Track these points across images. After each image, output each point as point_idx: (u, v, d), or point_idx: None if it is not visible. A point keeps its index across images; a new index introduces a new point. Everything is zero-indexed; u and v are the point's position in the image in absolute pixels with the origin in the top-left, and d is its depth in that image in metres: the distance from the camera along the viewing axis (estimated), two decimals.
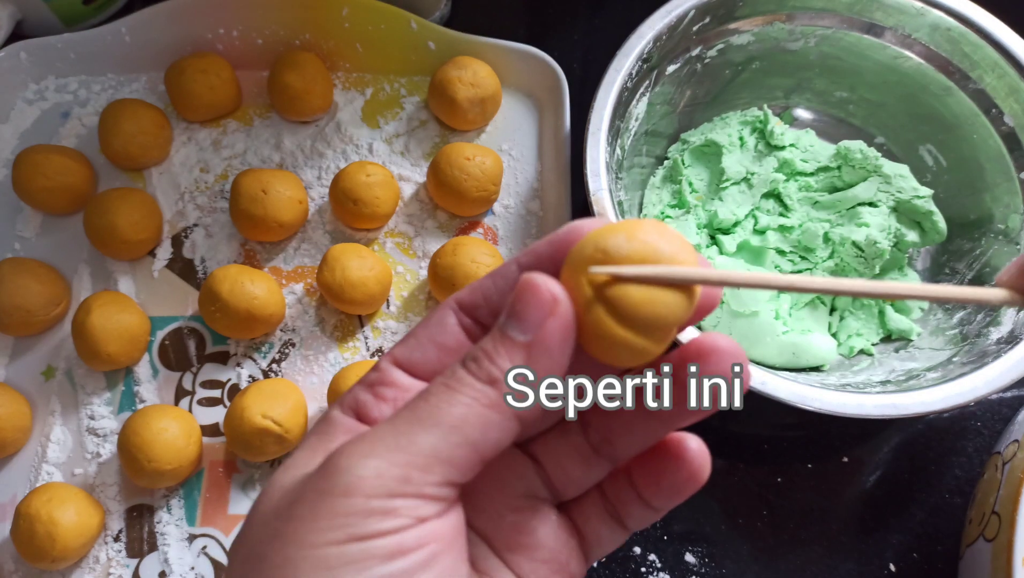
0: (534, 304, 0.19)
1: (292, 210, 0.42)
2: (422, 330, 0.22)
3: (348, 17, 0.46)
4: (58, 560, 0.36)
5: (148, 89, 0.47)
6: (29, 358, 0.42)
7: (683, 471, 0.22)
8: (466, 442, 0.19)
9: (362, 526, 0.18)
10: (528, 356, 0.19)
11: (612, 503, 0.23)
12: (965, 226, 0.43)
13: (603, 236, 0.19)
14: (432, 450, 0.18)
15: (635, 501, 0.23)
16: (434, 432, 0.19)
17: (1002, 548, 0.33)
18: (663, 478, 0.22)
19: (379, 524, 0.18)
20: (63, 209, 0.43)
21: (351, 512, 0.18)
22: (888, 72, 0.45)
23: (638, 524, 0.23)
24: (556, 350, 0.19)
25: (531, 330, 0.19)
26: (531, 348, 0.19)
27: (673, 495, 0.22)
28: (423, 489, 0.18)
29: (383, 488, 0.18)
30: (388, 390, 0.22)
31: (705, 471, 0.22)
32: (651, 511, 0.23)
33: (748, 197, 0.44)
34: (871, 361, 0.41)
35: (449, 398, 0.19)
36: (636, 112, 0.42)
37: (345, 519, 0.18)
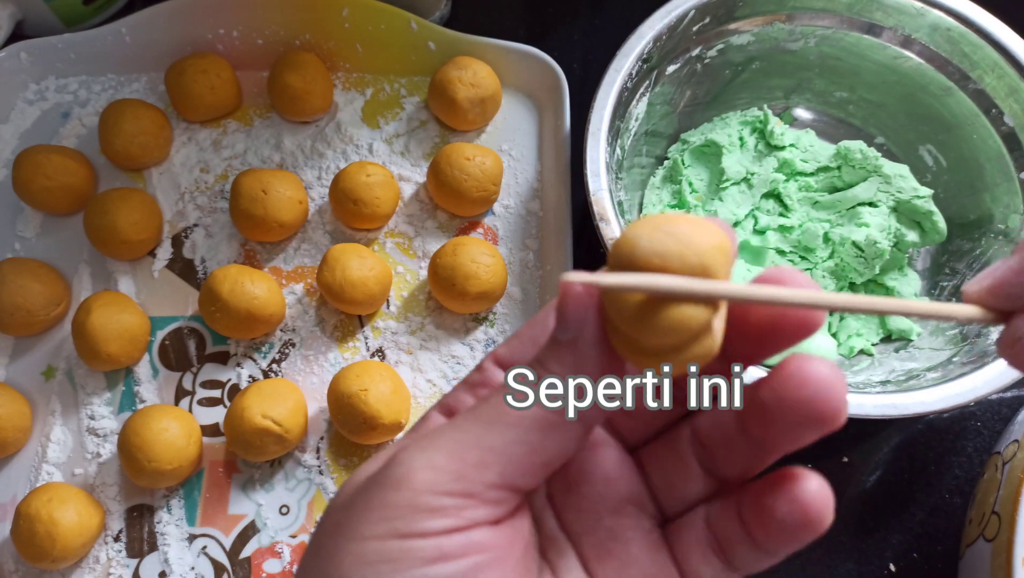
0: (572, 301, 0.18)
1: (292, 210, 0.42)
2: (526, 330, 0.22)
3: (348, 17, 0.46)
4: (58, 560, 0.36)
5: (148, 89, 0.47)
6: (29, 358, 0.42)
7: (797, 512, 0.19)
8: (523, 441, 0.18)
9: (407, 522, 0.18)
10: (574, 355, 0.18)
11: (718, 537, 0.21)
12: (965, 226, 0.43)
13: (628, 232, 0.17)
14: (487, 445, 0.18)
15: (743, 539, 0.20)
16: (491, 428, 0.18)
17: (1002, 548, 0.33)
18: (774, 518, 0.19)
19: (424, 522, 0.18)
20: (63, 209, 0.43)
21: (399, 504, 0.18)
22: (888, 72, 0.45)
23: (747, 566, 0.20)
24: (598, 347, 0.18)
25: (572, 329, 0.18)
26: (574, 347, 0.18)
27: (785, 539, 0.19)
28: (475, 487, 0.18)
29: (434, 482, 0.18)
30: (486, 391, 0.21)
31: (825, 516, 0.19)
32: (762, 553, 0.20)
33: (748, 197, 0.44)
34: (871, 361, 0.41)
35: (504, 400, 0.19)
36: (636, 112, 0.42)
37: (393, 511, 0.18)
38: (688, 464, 0.21)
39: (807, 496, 0.19)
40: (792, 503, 0.19)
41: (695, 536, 0.21)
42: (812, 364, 0.17)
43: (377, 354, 0.42)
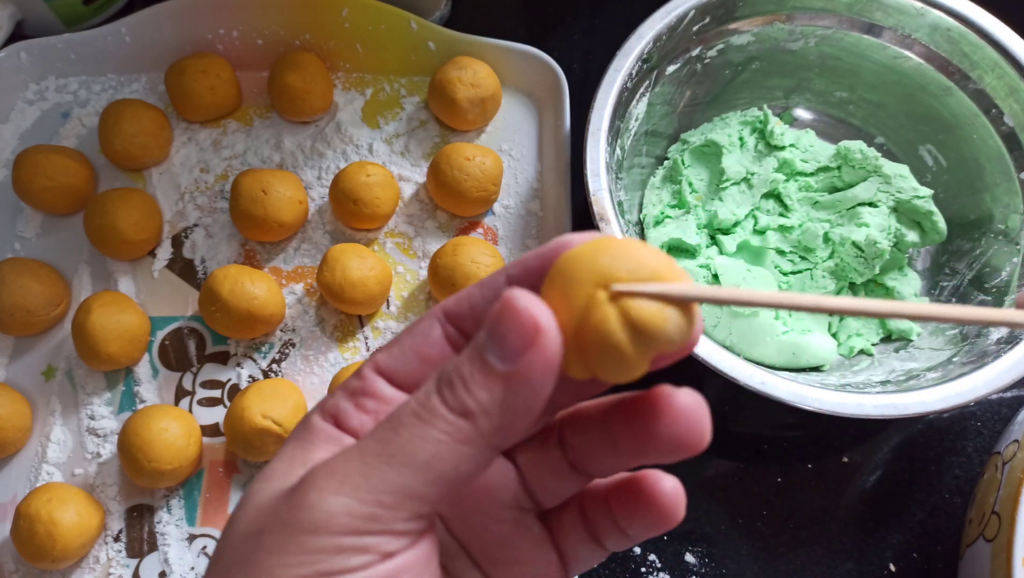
0: (515, 330, 0.17)
1: (292, 210, 0.42)
2: (407, 338, 0.21)
3: (348, 17, 0.46)
4: (58, 560, 0.36)
5: (148, 89, 0.47)
6: (29, 358, 0.42)
7: (655, 511, 0.21)
8: (438, 479, 0.18)
9: (330, 562, 0.18)
10: (506, 389, 0.18)
11: (591, 523, 0.22)
12: (965, 226, 0.43)
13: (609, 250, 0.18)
14: (402, 489, 0.18)
15: (612, 526, 0.22)
16: (404, 471, 0.18)
17: (1002, 548, 0.33)
18: (636, 513, 0.21)
19: (347, 561, 0.18)
20: (63, 209, 0.43)
21: (319, 549, 0.18)
22: (888, 72, 0.45)
23: (616, 546, 0.23)
24: (538, 384, 0.18)
25: (511, 360, 0.18)
26: (510, 380, 0.18)
27: (646, 530, 0.21)
28: (392, 526, 0.18)
29: (352, 526, 0.18)
30: (369, 401, 0.21)
31: (679, 512, 0.21)
32: (627, 538, 0.22)
33: (748, 197, 0.44)
34: (871, 361, 0.41)
35: (421, 432, 0.18)
36: (636, 112, 0.42)
37: (313, 556, 0.18)
38: (559, 465, 0.23)
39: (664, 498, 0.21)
40: (650, 504, 0.21)
41: (572, 524, 0.23)
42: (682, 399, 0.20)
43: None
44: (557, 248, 0.20)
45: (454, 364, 0.19)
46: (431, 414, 0.18)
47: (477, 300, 0.21)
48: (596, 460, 0.22)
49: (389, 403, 0.21)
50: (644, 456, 0.20)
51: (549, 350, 0.18)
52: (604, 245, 0.19)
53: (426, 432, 0.18)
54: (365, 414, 0.21)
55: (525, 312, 0.17)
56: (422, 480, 0.18)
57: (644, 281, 0.18)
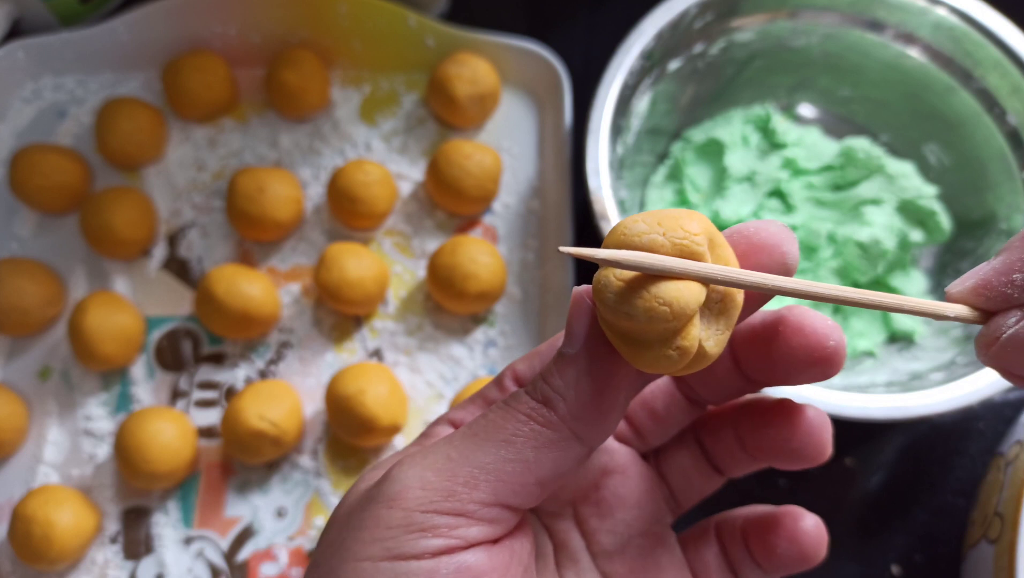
0: (578, 315, 0.18)
1: (289, 209, 0.42)
2: (546, 348, 0.22)
3: (346, 14, 0.46)
4: (55, 562, 0.36)
5: (145, 87, 0.47)
6: (25, 359, 0.41)
7: (793, 550, 0.21)
8: (517, 458, 0.18)
9: (401, 542, 0.18)
10: (577, 370, 0.18)
11: (729, 557, 0.23)
12: (969, 225, 0.43)
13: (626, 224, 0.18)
14: (479, 463, 0.18)
15: (749, 562, 0.22)
16: (484, 446, 0.18)
17: (1005, 549, 0.33)
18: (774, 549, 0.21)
19: (417, 542, 0.18)
20: (59, 208, 0.43)
21: (393, 524, 0.18)
22: (891, 70, 0.44)
23: None
24: (605, 364, 0.18)
25: (578, 341, 0.18)
26: (578, 361, 0.18)
27: (783, 567, 0.21)
28: (467, 507, 0.18)
29: (426, 500, 0.18)
30: None
31: (820, 552, 0.21)
32: (763, 574, 0.22)
33: (752, 195, 0.43)
34: (874, 362, 0.41)
35: (504, 415, 0.18)
36: (638, 109, 0.42)
37: (387, 532, 0.18)
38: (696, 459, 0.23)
39: (803, 536, 0.21)
40: (791, 542, 0.21)
41: (711, 553, 0.23)
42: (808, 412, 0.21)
43: (375, 355, 0.42)
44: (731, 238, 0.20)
45: None
46: (516, 400, 0.19)
47: None
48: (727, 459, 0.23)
49: None
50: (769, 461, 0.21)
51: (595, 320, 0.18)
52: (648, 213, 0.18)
53: (509, 414, 0.18)
54: None
55: (586, 293, 0.18)
56: (501, 456, 0.18)
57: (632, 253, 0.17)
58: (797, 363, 0.20)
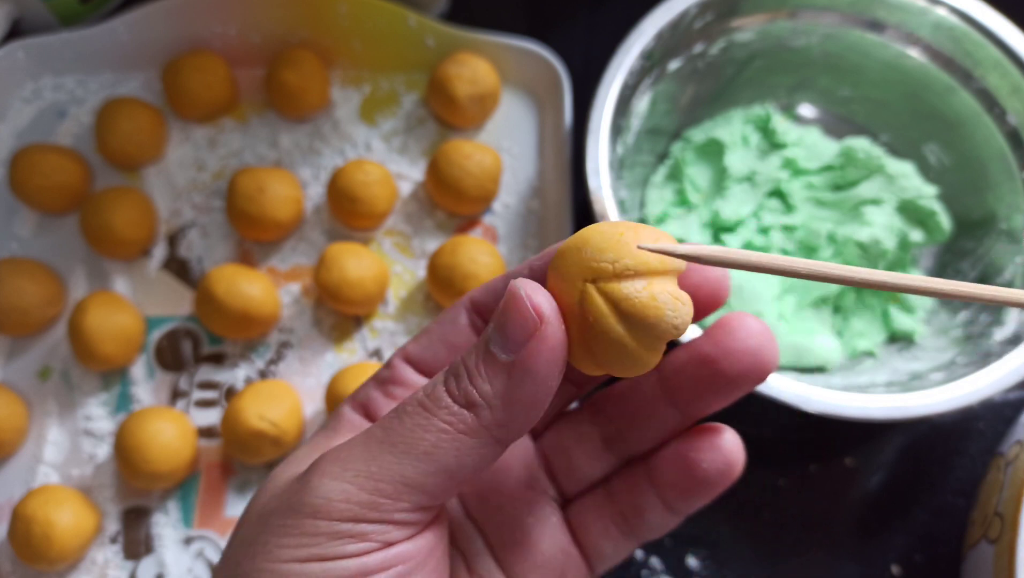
0: (518, 320, 0.17)
1: (289, 209, 0.42)
2: (435, 327, 0.21)
3: (346, 14, 0.46)
4: (55, 562, 0.36)
5: (145, 87, 0.47)
6: (25, 359, 0.41)
7: (718, 460, 0.21)
8: (439, 470, 0.18)
9: (327, 547, 0.18)
10: (510, 379, 0.17)
11: (623, 509, 0.22)
12: (968, 225, 0.43)
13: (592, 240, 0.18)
14: (402, 478, 0.18)
15: (654, 504, 0.21)
16: (405, 459, 0.18)
17: (1004, 549, 0.33)
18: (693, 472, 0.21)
19: (344, 546, 0.18)
20: (59, 208, 0.43)
21: (318, 533, 0.18)
22: (891, 70, 0.44)
23: (651, 532, 0.22)
24: (542, 375, 0.17)
25: (513, 349, 0.17)
26: (513, 370, 0.17)
27: (701, 492, 0.21)
28: (392, 516, 0.18)
29: (350, 512, 0.18)
30: (398, 389, 0.21)
31: (739, 464, 0.21)
32: (669, 514, 0.22)
33: (751, 195, 0.43)
34: (875, 362, 0.41)
35: (424, 422, 0.18)
36: (638, 109, 0.42)
37: (311, 539, 0.18)
38: (590, 445, 0.22)
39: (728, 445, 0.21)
40: (716, 452, 0.21)
41: (595, 514, 0.22)
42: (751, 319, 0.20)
43: (375, 355, 0.42)
44: None
45: (462, 356, 0.18)
46: (436, 404, 0.18)
47: (502, 291, 0.20)
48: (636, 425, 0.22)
49: None
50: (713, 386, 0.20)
51: (552, 340, 0.17)
52: (587, 235, 0.18)
53: (429, 421, 0.18)
54: (394, 401, 0.21)
55: (527, 300, 0.17)
56: (423, 470, 0.18)
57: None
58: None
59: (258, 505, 0.20)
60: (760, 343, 0.20)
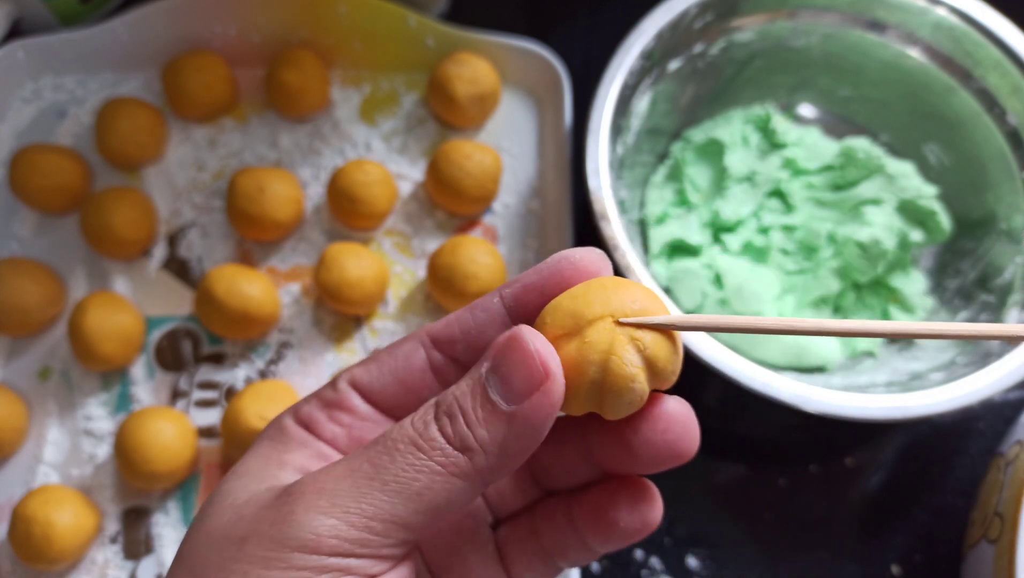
0: (524, 372, 0.17)
1: (289, 209, 0.42)
2: (386, 357, 0.21)
3: (346, 14, 0.46)
4: (55, 562, 0.36)
5: (145, 87, 0.47)
6: (25, 359, 0.41)
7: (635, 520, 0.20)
8: (429, 509, 0.18)
9: None
10: (508, 428, 0.18)
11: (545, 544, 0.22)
12: (969, 225, 0.43)
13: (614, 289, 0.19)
14: (392, 517, 0.18)
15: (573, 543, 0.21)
16: (396, 499, 0.18)
17: (1004, 549, 0.33)
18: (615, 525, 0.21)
19: None
20: (59, 208, 0.43)
21: (305, 566, 0.17)
22: (891, 71, 0.44)
23: (574, 564, 0.22)
24: (539, 426, 0.18)
25: (516, 401, 0.18)
26: (513, 421, 0.18)
27: (618, 542, 0.21)
28: (379, 551, 0.18)
29: (339, 549, 0.18)
30: (344, 416, 0.21)
31: (656, 519, 0.21)
32: (589, 552, 0.21)
33: (751, 195, 0.43)
34: (875, 362, 0.40)
35: (416, 462, 0.18)
36: (638, 109, 0.42)
37: (297, 573, 0.17)
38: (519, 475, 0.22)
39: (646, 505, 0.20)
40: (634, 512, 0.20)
41: (520, 546, 0.22)
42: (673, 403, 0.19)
43: None
44: (559, 264, 0.19)
45: (456, 396, 0.18)
46: (429, 445, 0.18)
47: (470, 324, 0.20)
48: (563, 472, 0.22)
49: (364, 419, 0.21)
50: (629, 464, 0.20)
51: (555, 395, 0.18)
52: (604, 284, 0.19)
53: (422, 462, 0.18)
54: (338, 426, 0.21)
55: (536, 355, 0.17)
56: (413, 509, 0.18)
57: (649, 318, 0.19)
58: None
59: (218, 524, 0.19)
60: (678, 434, 0.19)
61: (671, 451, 0.20)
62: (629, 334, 0.18)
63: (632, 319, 0.18)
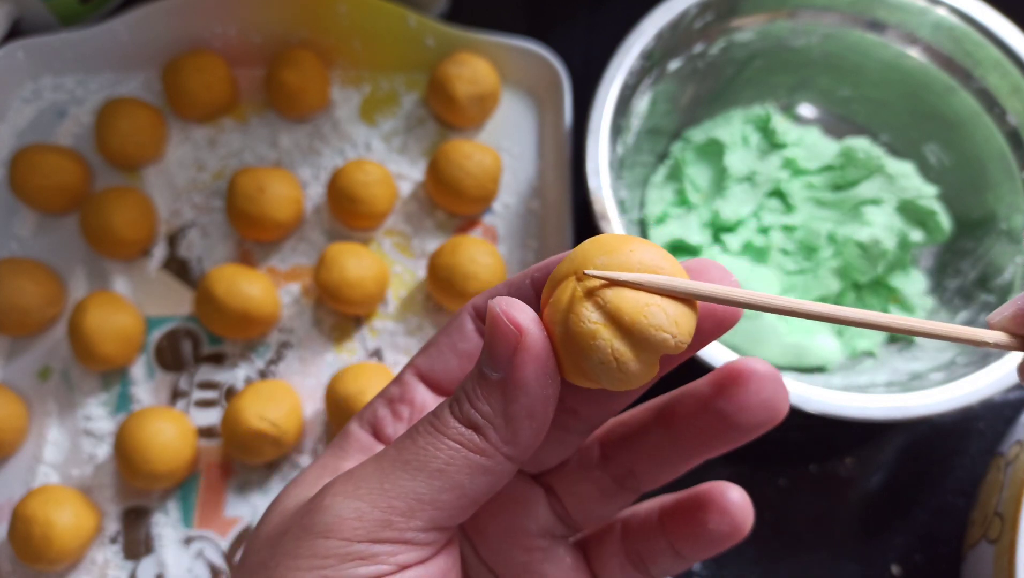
0: (499, 337, 0.18)
1: (289, 209, 0.42)
2: (443, 337, 0.21)
3: (346, 14, 0.46)
4: (55, 562, 0.36)
5: (145, 87, 0.47)
6: (25, 359, 0.41)
7: (724, 524, 0.21)
8: (452, 487, 0.18)
9: (338, 570, 0.18)
10: (504, 396, 0.18)
11: (637, 550, 0.22)
12: (968, 225, 0.43)
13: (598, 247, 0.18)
14: (415, 495, 0.18)
15: (665, 550, 0.22)
16: (418, 476, 0.18)
17: (1004, 549, 0.33)
18: (701, 530, 0.21)
19: (356, 570, 0.18)
20: (59, 208, 0.43)
21: (329, 553, 0.18)
22: (891, 70, 0.44)
23: (665, 572, 0.22)
24: (532, 387, 0.18)
25: (501, 367, 0.18)
26: (505, 387, 0.18)
27: (710, 547, 0.21)
28: (405, 534, 0.18)
29: (363, 531, 0.18)
30: (405, 408, 0.21)
31: (747, 524, 0.21)
32: (682, 560, 0.22)
33: (751, 195, 0.43)
34: (875, 362, 0.40)
35: (435, 441, 0.18)
36: (638, 109, 0.42)
37: (323, 561, 0.17)
38: (602, 482, 0.22)
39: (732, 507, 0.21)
40: (722, 515, 0.21)
41: (612, 552, 0.22)
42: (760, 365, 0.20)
43: (375, 355, 0.42)
44: None
45: (462, 382, 0.19)
46: (444, 425, 0.18)
47: None
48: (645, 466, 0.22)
49: (424, 411, 0.21)
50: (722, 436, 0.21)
51: (534, 349, 0.17)
52: (595, 243, 0.18)
53: (440, 440, 0.18)
54: (400, 422, 0.21)
55: (504, 316, 0.17)
56: (436, 486, 0.18)
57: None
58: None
59: (268, 529, 0.20)
60: (773, 392, 0.20)
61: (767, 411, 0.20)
62: (586, 288, 0.17)
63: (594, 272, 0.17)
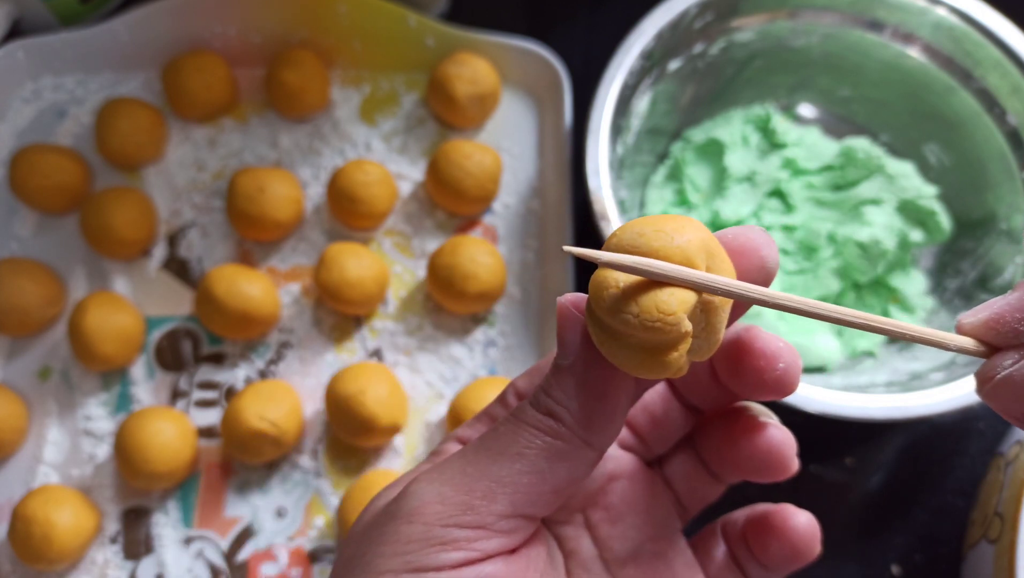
0: (567, 325, 0.19)
1: (289, 209, 0.42)
2: (546, 362, 0.22)
3: (346, 14, 0.46)
4: (55, 562, 0.36)
5: (145, 87, 0.47)
6: (25, 359, 0.41)
7: (788, 546, 0.22)
8: (532, 470, 0.18)
9: (421, 556, 0.18)
10: (574, 378, 0.19)
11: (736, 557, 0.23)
12: (969, 225, 0.43)
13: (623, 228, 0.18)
14: (495, 477, 0.18)
15: (752, 559, 0.23)
16: (499, 460, 0.18)
17: (1005, 549, 0.33)
18: (771, 546, 0.22)
19: (438, 556, 0.18)
20: (59, 208, 0.43)
21: (412, 538, 0.18)
22: (891, 70, 0.44)
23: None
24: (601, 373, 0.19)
25: (571, 352, 0.19)
26: (574, 369, 0.19)
27: (782, 564, 0.22)
28: (486, 519, 0.18)
29: (445, 514, 0.18)
30: None
31: (814, 548, 0.22)
32: (767, 571, 0.23)
33: (751, 195, 0.43)
34: (875, 362, 0.40)
35: (515, 429, 0.19)
36: (638, 109, 0.42)
37: (407, 546, 0.18)
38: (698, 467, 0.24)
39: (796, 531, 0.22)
40: (783, 540, 0.22)
41: (720, 554, 0.23)
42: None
43: (375, 355, 0.42)
44: None
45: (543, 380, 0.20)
46: (524, 414, 0.19)
47: None
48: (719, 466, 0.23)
49: None
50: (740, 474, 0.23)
51: None
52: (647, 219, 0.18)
53: (520, 428, 0.19)
54: None
55: (571, 304, 0.19)
56: (516, 469, 0.18)
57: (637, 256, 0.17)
58: (750, 383, 0.20)
59: (360, 526, 0.20)
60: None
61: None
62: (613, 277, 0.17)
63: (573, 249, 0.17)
